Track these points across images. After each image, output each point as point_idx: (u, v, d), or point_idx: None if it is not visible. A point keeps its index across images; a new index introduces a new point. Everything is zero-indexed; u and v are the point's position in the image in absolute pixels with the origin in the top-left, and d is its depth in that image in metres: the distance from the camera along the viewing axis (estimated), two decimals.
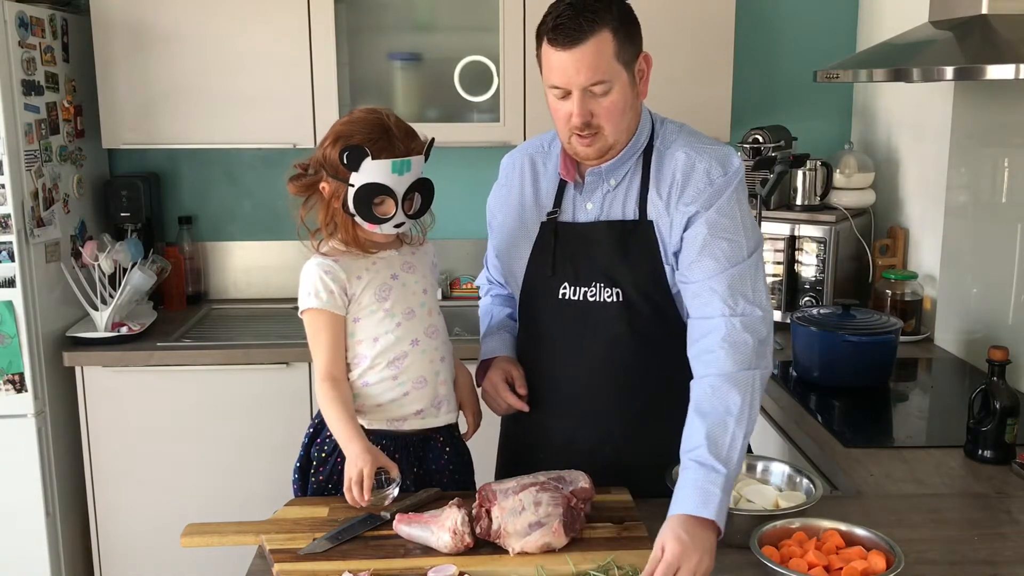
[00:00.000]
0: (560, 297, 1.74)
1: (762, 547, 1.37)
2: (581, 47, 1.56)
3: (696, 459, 1.46)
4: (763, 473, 1.64)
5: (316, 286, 1.67)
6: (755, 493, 1.57)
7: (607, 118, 1.62)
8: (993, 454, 1.86)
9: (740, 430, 1.49)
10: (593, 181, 1.72)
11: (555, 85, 1.61)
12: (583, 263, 1.73)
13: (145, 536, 2.81)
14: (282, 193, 3.38)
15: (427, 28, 3.16)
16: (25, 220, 2.60)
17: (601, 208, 1.72)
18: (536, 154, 1.83)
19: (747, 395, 1.52)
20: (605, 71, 1.58)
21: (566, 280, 1.74)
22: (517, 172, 1.84)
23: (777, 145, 2.87)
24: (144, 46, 2.88)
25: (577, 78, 1.58)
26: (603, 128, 1.63)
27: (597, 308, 1.72)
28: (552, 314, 1.76)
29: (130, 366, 2.75)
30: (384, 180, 1.62)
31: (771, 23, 3.29)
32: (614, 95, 1.61)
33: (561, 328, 1.76)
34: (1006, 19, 2.03)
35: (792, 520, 1.44)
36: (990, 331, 2.44)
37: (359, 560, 1.44)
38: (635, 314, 1.70)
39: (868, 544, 1.38)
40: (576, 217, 1.74)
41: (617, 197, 1.71)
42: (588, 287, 1.72)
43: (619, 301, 1.70)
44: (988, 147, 2.48)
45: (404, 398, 1.72)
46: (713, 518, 1.40)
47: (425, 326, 1.74)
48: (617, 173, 1.71)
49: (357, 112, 1.70)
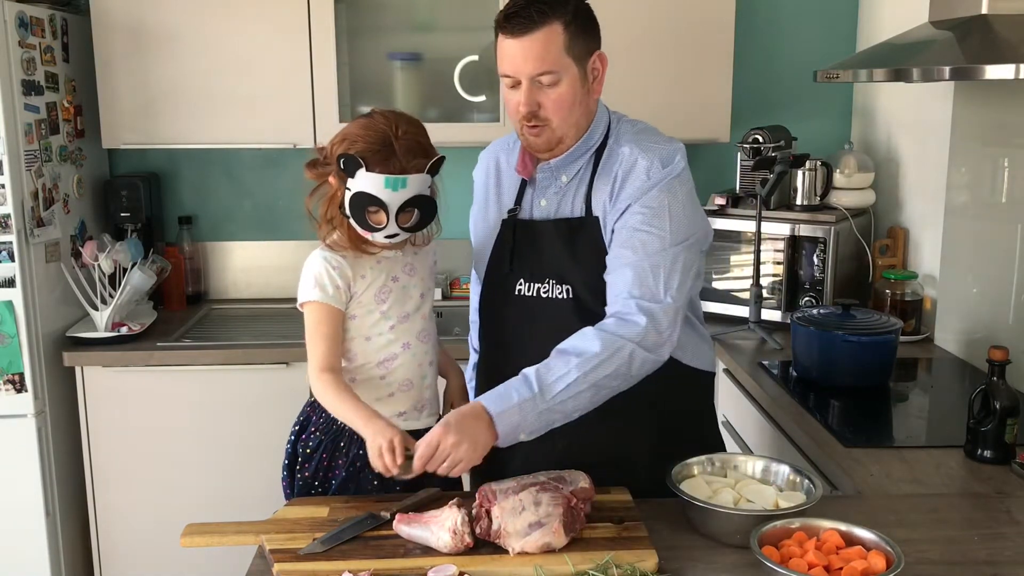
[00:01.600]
0: (516, 293, 1.77)
1: (762, 547, 1.37)
2: (530, 36, 1.60)
3: (524, 372, 1.55)
4: (763, 473, 1.64)
5: (322, 279, 1.66)
6: (755, 493, 1.57)
7: (555, 110, 1.64)
8: (993, 454, 1.86)
9: (578, 373, 1.54)
10: (545, 178, 1.76)
11: (506, 74, 1.65)
12: (536, 260, 1.76)
13: (145, 536, 2.81)
14: (282, 193, 3.41)
15: (427, 28, 3.16)
16: (25, 220, 2.60)
17: (554, 205, 1.75)
18: (501, 152, 1.87)
19: (608, 353, 1.55)
20: (553, 62, 1.61)
21: (522, 276, 1.77)
22: (483, 171, 1.90)
23: (777, 145, 2.87)
24: (144, 46, 2.88)
25: (525, 67, 1.61)
26: (551, 120, 1.65)
27: (550, 305, 1.74)
28: (509, 310, 1.79)
29: (130, 366, 2.75)
30: (376, 192, 1.60)
31: (771, 23, 3.29)
32: (562, 88, 1.63)
33: (517, 324, 1.78)
34: (1006, 19, 2.03)
35: (792, 520, 1.44)
36: (990, 331, 2.44)
37: (359, 560, 1.44)
38: (584, 311, 1.71)
39: (868, 544, 1.38)
40: (532, 214, 1.78)
41: (568, 194, 1.74)
42: (542, 284, 1.75)
43: (569, 298, 1.72)
44: (988, 147, 2.48)
45: (388, 399, 1.72)
46: (492, 414, 1.50)
47: (418, 330, 1.74)
48: (569, 170, 1.74)
49: (376, 116, 1.66)
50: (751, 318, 2.84)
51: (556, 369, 1.56)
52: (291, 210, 3.27)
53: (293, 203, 3.00)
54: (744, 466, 1.66)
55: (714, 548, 1.49)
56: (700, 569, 1.44)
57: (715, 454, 1.67)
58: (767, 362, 2.55)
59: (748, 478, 1.63)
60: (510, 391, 1.54)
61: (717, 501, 1.53)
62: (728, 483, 1.60)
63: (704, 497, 1.53)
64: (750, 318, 2.84)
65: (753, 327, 2.83)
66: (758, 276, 2.83)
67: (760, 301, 2.84)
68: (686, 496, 1.51)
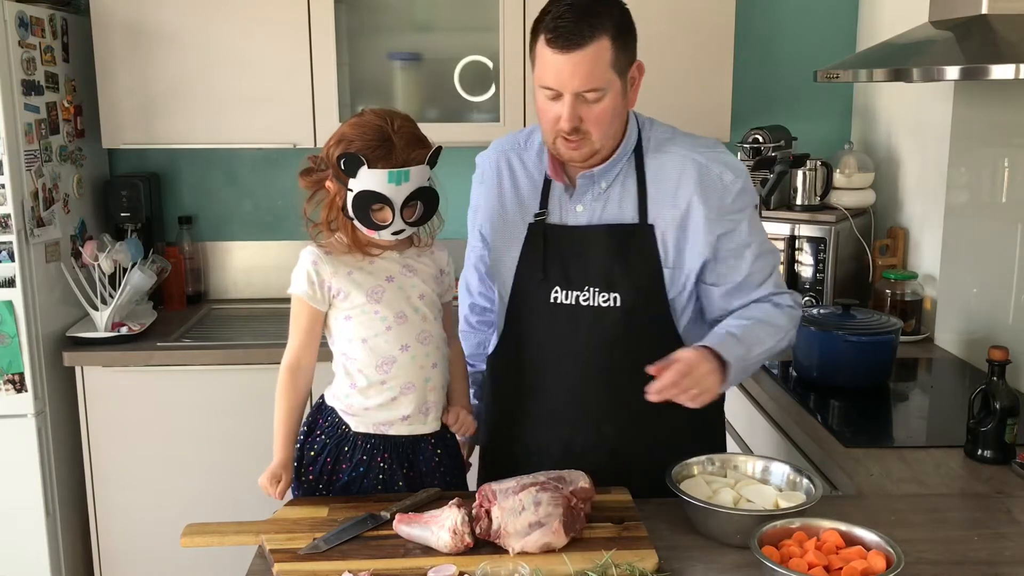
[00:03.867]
0: (552, 301, 1.72)
1: (762, 547, 1.37)
2: (579, 52, 1.54)
3: (728, 330, 1.64)
4: (763, 473, 1.63)
5: (303, 275, 1.67)
6: (755, 493, 1.57)
7: (596, 124, 1.61)
8: (993, 454, 1.86)
9: (771, 342, 1.68)
10: (584, 184, 1.71)
11: (548, 86, 1.59)
12: (574, 266, 1.71)
13: (145, 536, 2.81)
14: (282, 193, 3.41)
15: (427, 28, 3.16)
16: (25, 220, 2.60)
17: (595, 211, 1.71)
18: (511, 151, 1.81)
19: (785, 331, 1.71)
20: (600, 79, 1.57)
21: (557, 284, 1.72)
22: (494, 171, 1.82)
23: (777, 145, 2.87)
24: (144, 46, 2.88)
25: (572, 83, 1.56)
26: (591, 133, 1.62)
27: (590, 312, 1.70)
28: (542, 318, 1.74)
29: (130, 366, 2.75)
30: (380, 189, 1.59)
31: (771, 23, 3.29)
32: (605, 102, 1.60)
33: (550, 332, 1.74)
34: (1006, 19, 2.03)
35: (792, 520, 1.44)
36: (990, 331, 2.44)
37: (359, 560, 1.44)
38: (632, 318, 1.69)
39: (868, 544, 1.38)
40: (564, 219, 1.73)
41: (610, 200, 1.71)
42: (580, 291, 1.70)
43: (616, 306, 1.69)
44: (988, 147, 2.48)
45: (391, 403, 1.69)
46: (729, 359, 1.58)
47: (417, 332, 1.70)
48: (607, 176, 1.70)
49: (368, 114, 1.65)
50: None
51: (755, 333, 1.65)
52: (291, 210, 3.27)
53: (293, 203, 3.00)
54: (744, 466, 1.65)
55: (714, 548, 1.49)
56: (700, 569, 1.44)
57: (715, 454, 1.67)
58: (767, 362, 2.55)
59: (748, 478, 1.63)
60: (732, 343, 1.61)
61: (717, 501, 1.53)
62: (728, 483, 1.60)
63: (704, 497, 1.53)
64: None
65: None
66: None
67: None
68: (686, 496, 1.51)
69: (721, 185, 1.68)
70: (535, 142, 1.79)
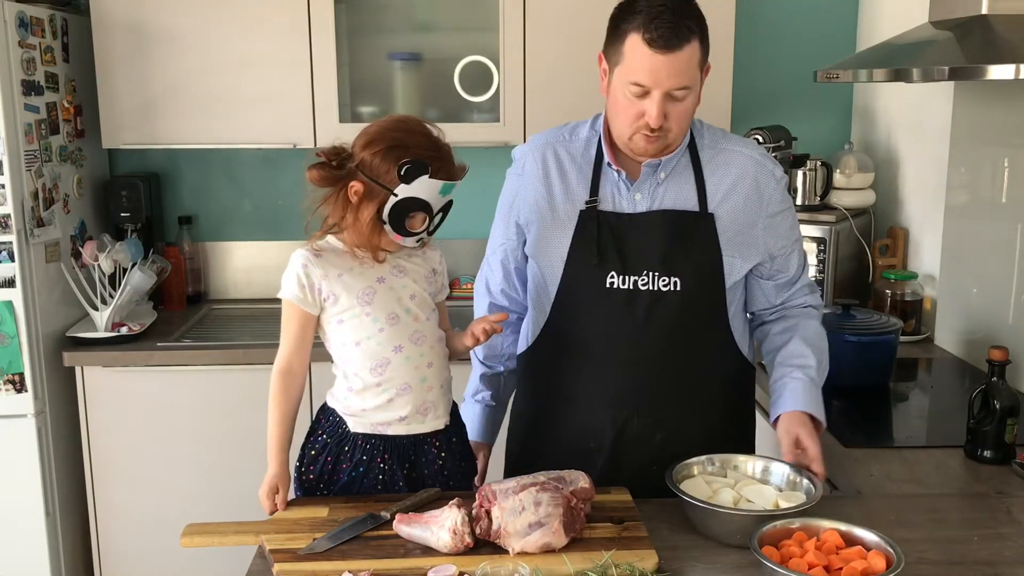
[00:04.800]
0: (608, 286, 1.73)
1: (762, 547, 1.37)
2: (678, 53, 1.58)
3: (809, 375, 1.75)
4: (763, 473, 1.64)
5: (300, 279, 1.64)
6: (755, 493, 1.57)
7: (677, 121, 1.66)
8: (993, 454, 1.86)
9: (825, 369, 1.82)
10: (645, 173, 1.73)
11: (640, 83, 1.61)
12: (632, 251, 1.73)
13: (145, 536, 2.81)
14: (282, 193, 3.41)
15: (427, 28, 3.16)
16: (25, 220, 2.60)
17: (653, 199, 1.74)
18: (557, 144, 1.82)
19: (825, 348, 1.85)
20: (691, 78, 1.62)
21: (613, 269, 1.73)
22: (539, 163, 1.81)
23: (777, 145, 2.87)
24: (144, 46, 2.88)
25: (667, 82, 1.60)
26: (671, 130, 1.66)
27: (649, 296, 1.73)
28: (597, 303, 1.75)
29: (130, 366, 2.75)
30: (429, 198, 1.60)
31: (771, 23, 3.29)
32: (690, 100, 1.65)
33: (606, 316, 1.75)
34: (1006, 19, 2.03)
35: (792, 520, 1.44)
36: (990, 331, 2.44)
37: (359, 560, 1.44)
38: (691, 302, 1.73)
39: (868, 544, 1.38)
40: (619, 207, 1.75)
41: (669, 189, 1.74)
42: (639, 276, 1.72)
43: (676, 290, 1.72)
44: (988, 147, 2.48)
45: (388, 404, 1.69)
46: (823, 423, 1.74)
47: (410, 332, 1.69)
48: (668, 166, 1.74)
49: (410, 121, 1.64)
50: None
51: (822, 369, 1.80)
52: (291, 210, 3.27)
53: (293, 203, 3.00)
54: (744, 466, 1.66)
55: (714, 548, 1.49)
56: (700, 569, 1.44)
57: (715, 454, 1.67)
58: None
59: (748, 478, 1.63)
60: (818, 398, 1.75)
61: (717, 501, 1.53)
62: (728, 483, 1.60)
63: (704, 497, 1.53)
64: None
65: None
66: None
67: None
68: (686, 496, 1.51)
69: (774, 181, 1.77)
70: (580, 135, 1.81)
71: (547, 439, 1.86)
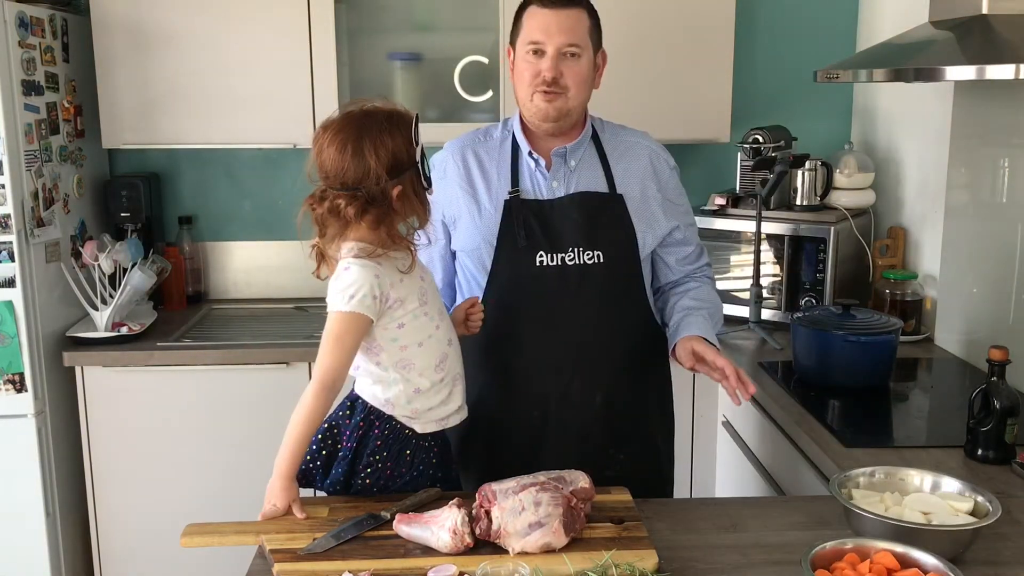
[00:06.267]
0: (539, 264, 1.89)
1: (814, 570, 1.31)
2: (566, 11, 1.84)
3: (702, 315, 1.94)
4: (933, 488, 1.59)
5: (367, 289, 1.58)
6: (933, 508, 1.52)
7: (573, 81, 1.85)
8: (993, 454, 1.86)
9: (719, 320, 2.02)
10: (557, 162, 1.93)
11: (534, 40, 1.84)
12: (555, 232, 1.89)
13: (145, 536, 2.81)
14: (282, 193, 3.41)
15: (427, 28, 3.16)
16: (25, 220, 2.60)
17: (568, 185, 1.93)
18: (475, 145, 1.99)
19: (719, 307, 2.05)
20: (580, 38, 1.85)
21: (541, 249, 1.89)
22: (460, 164, 1.96)
23: (777, 145, 2.87)
24: (144, 46, 2.88)
25: (557, 37, 1.83)
26: (568, 89, 1.85)
27: (577, 270, 1.89)
28: (529, 281, 1.89)
29: (130, 366, 2.75)
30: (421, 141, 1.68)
31: (771, 23, 3.29)
32: (582, 63, 1.86)
33: (540, 292, 1.89)
34: (1006, 19, 2.03)
35: (844, 541, 1.39)
36: (990, 331, 2.44)
37: (359, 560, 1.44)
38: (612, 272, 1.92)
39: (925, 567, 1.32)
40: (539, 194, 1.93)
41: (581, 176, 1.94)
42: (565, 252, 1.89)
43: (600, 262, 1.90)
44: (988, 147, 2.48)
45: (448, 398, 1.73)
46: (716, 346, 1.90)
47: (449, 323, 1.76)
48: (575, 155, 1.94)
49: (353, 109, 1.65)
50: (751, 318, 2.84)
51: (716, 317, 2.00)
52: (291, 210, 3.22)
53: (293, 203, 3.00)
54: (912, 480, 1.62)
55: (714, 548, 1.50)
56: (700, 569, 1.44)
57: (879, 467, 1.64)
58: (767, 362, 2.55)
59: (917, 491, 1.59)
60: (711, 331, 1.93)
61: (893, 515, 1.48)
62: (896, 498, 1.57)
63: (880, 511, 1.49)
64: (750, 318, 2.85)
65: (753, 327, 2.83)
66: (758, 276, 2.83)
67: (760, 301, 2.84)
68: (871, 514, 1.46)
69: (668, 167, 2.01)
70: (494, 136, 2.00)
71: (503, 411, 1.94)
